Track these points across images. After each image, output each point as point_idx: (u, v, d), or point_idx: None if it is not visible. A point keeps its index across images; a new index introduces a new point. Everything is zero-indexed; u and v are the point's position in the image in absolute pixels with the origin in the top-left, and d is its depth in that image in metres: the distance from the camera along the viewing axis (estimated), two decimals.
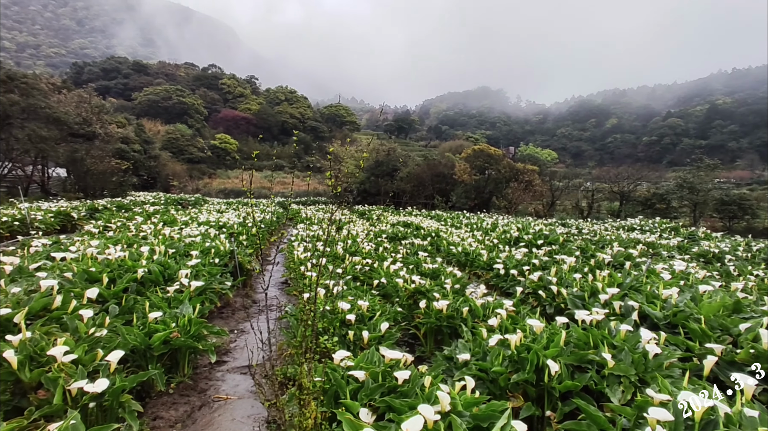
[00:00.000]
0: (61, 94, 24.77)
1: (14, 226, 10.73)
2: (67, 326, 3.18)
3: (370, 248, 8.96)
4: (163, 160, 42.05)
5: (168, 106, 65.18)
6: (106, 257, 5.24)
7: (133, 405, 2.55)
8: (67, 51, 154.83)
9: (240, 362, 3.95)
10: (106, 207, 16.04)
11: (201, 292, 4.60)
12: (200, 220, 12.40)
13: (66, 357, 2.55)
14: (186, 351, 3.42)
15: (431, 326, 4.39)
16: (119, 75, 76.45)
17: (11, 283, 4.25)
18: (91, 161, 22.38)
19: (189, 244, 6.96)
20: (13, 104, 17.75)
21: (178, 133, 56.52)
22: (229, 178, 57.16)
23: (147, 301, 3.76)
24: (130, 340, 3.06)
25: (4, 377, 2.48)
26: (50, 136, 19.38)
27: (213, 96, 78.60)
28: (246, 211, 17.76)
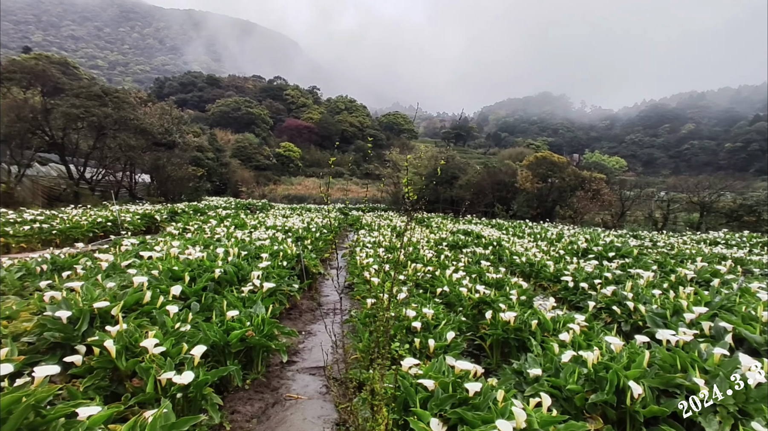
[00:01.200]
0: (147, 107, 27.22)
1: (107, 227, 11.89)
2: (156, 320, 3.45)
3: (431, 256, 8.91)
4: (233, 167, 44.62)
5: (237, 116, 69.19)
6: (187, 257, 5.64)
7: (214, 398, 2.71)
8: (150, 67, 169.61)
9: (309, 363, 4.07)
10: (184, 210, 17.31)
11: (271, 293, 4.81)
12: (267, 224, 12.99)
13: (156, 349, 2.76)
14: (260, 349, 3.58)
15: (498, 338, 4.27)
16: (195, 88, 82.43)
17: (106, 278, 4.70)
18: (171, 168, 24.34)
19: (259, 247, 7.31)
20: (107, 117, 19.75)
21: (247, 141, 59.78)
22: (293, 185, 59.46)
23: (224, 300, 3.99)
24: (211, 336, 3.25)
25: (104, 364, 2.74)
26: (137, 144, 21.36)
27: (278, 106, 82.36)
28: (309, 217, 18.37)
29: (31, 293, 4.66)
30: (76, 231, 10.79)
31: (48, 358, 2.87)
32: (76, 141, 21.87)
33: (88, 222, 11.58)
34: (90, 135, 21.50)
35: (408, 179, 3.13)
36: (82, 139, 22.06)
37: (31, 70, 20.89)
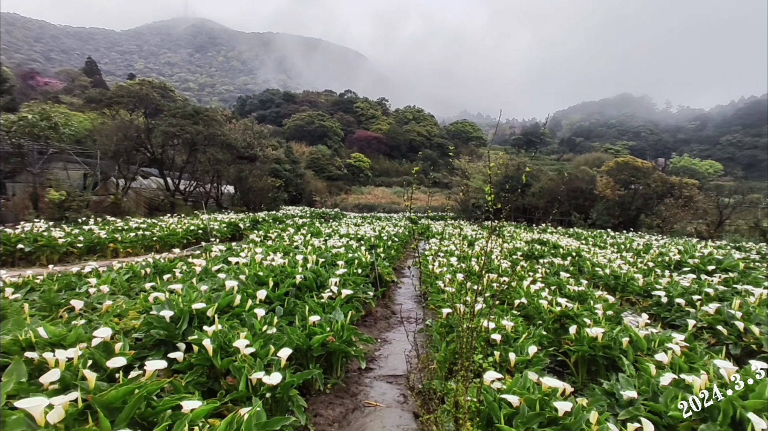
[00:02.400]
0: (231, 124, 29.49)
1: (198, 234, 12.96)
2: (245, 322, 3.67)
3: (506, 266, 8.61)
4: (307, 178, 46.65)
5: (311, 129, 72.38)
6: (270, 263, 5.97)
7: (299, 401, 2.80)
8: (234, 87, 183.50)
9: (386, 371, 4.09)
10: (264, 219, 18.40)
11: (348, 300, 4.92)
12: (341, 233, 13.36)
13: (247, 349, 2.92)
14: (339, 355, 3.67)
15: (584, 355, 3.99)
16: (273, 104, 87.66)
17: (199, 282, 5.10)
18: (253, 179, 26.08)
19: (335, 255, 7.53)
20: (198, 134, 21.70)
21: (320, 153, 62.27)
22: (363, 194, 60.74)
23: (305, 305, 4.15)
24: (294, 340, 3.38)
25: (202, 362, 2.95)
26: (224, 158, 23.21)
27: (348, 118, 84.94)
28: (380, 225, 18.62)
29: (137, 293, 5.17)
30: (172, 238, 11.88)
31: (154, 354, 3.16)
32: (172, 156, 24.24)
33: (183, 230, 12.71)
34: (184, 150, 23.74)
35: (477, 187, 3.07)
36: (177, 154, 24.40)
37: (136, 94, 23.55)
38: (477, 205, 30.52)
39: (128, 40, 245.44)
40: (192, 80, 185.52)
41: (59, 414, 1.90)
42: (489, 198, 2.95)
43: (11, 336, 2.98)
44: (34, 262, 9.06)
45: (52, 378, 2.31)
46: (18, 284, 5.16)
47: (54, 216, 13.99)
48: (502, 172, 30.15)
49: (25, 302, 4.13)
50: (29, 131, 15.66)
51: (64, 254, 9.54)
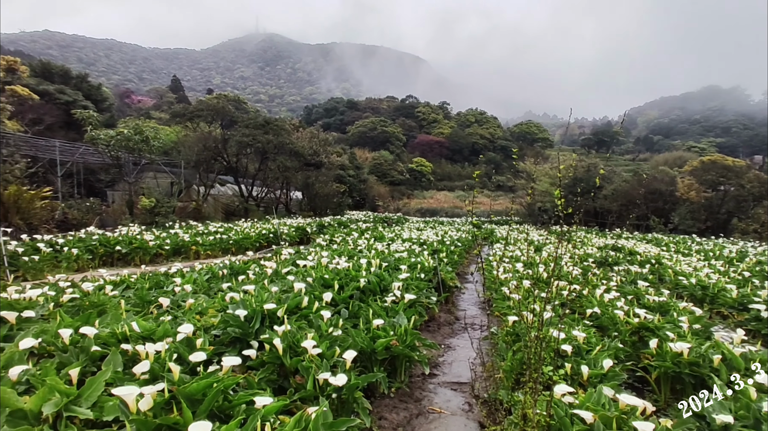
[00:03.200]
0: (298, 132, 30.82)
1: (269, 237, 13.68)
2: (312, 323, 3.80)
3: (577, 273, 8.16)
4: (370, 183, 47.45)
5: (374, 135, 73.52)
6: (336, 266, 6.14)
7: (364, 403, 2.85)
8: (301, 97, 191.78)
9: (450, 377, 4.05)
10: (330, 223, 18.99)
11: (412, 305, 4.92)
12: (403, 237, 13.43)
13: (314, 350, 3.03)
14: (403, 359, 3.68)
15: (667, 371, 3.67)
16: (337, 112, 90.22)
17: (270, 283, 5.36)
18: (319, 185, 27.06)
19: (398, 259, 7.58)
20: (269, 143, 22.98)
21: (382, 158, 63.04)
22: (425, 198, 60.60)
23: (369, 309, 4.22)
24: (359, 342, 3.45)
25: (273, 360, 3.10)
26: (292, 165, 24.35)
27: (410, 123, 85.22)
28: (443, 230, 18.47)
29: (215, 293, 5.53)
30: (246, 242, 12.62)
31: (230, 350, 3.37)
32: (245, 164, 25.82)
33: (256, 234, 13.47)
34: (256, 158, 25.22)
35: (543, 190, 2.93)
36: (250, 162, 25.97)
37: (214, 108, 25.42)
38: (544, 208, 29.25)
39: (207, 57, 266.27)
40: (263, 92, 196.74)
41: (148, 403, 2.09)
42: (558, 201, 2.83)
43: (110, 329, 3.32)
44: (129, 262, 10.05)
45: (143, 369, 2.54)
46: (116, 282, 5.75)
47: (146, 221, 15.44)
48: (571, 174, 28.64)
49: (121, 298, 4.58)
50: (125, 144, 17.45)
51: (154, 255, 10.50)
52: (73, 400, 2.22)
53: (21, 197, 11.38)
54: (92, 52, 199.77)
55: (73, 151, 20.25)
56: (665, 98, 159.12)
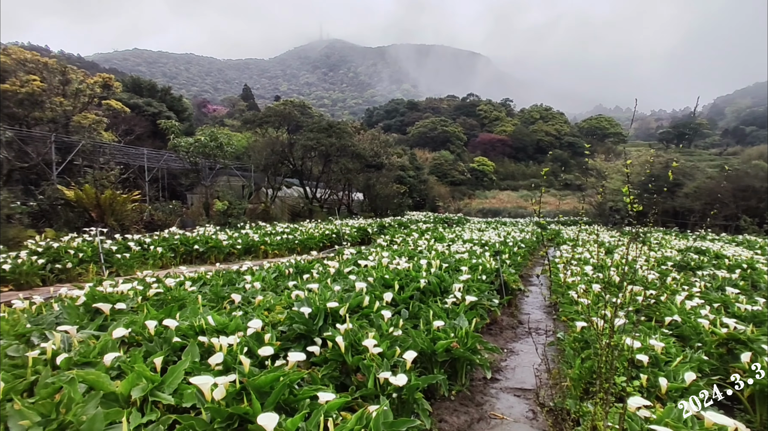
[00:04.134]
0: (360, 134, 31.42)
1: (332, 238, 14.08)
2: (373, 322, 3.86)
3: (653, 277, 7.55)
4: (430, 184, 47.19)
5: (434, 135, 73.04)
6: (396, 267, 6.19)
7: (424, 404, 2.85)
8: (362, 100, 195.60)
9: (512, 383, 3.93)
10: (390, 224, 19.15)
11: (473, 307, 4.84)
12: (464, 238, 13.21)
13: (375, 349, 3.07)
14: (463, 362, 3.63)
15: (763, 389, 3.30)
16: (397, 114, 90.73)
17: (333, 282, 5.51)
18: (380, 186, 27.40)
19: (458, 260, 7.48)
20: (332, 145, 23.70)
21: (442, 158, 62.45)
22: (487, 198, 59.25)
23: (430, 310, 4.21)
24: (419, 343, 3.45)
25: (335, 357, 3.19)
26: (354, 167, 24.90)
27: (471, 122, 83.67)
28: (505, 230, 17.94)
29: (282, 290, 5.79)
30: (310, 242, 13.09)
31: (295, 346, 3.52)
32: (310, 167, 26.80)
33: (319, 235, 13.93)
34: (320, 161, 26.10)
35: (615, 188, 2.72)
36: (314, 165, 26.92)
37: (281, 113, 26.61)
38: (615, 208, 27.37)
39: (274, 66, 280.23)
40: (326, 96, 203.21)
41: (221, 392, 2.24)
42: (627, 200, 2.65)
43: (188, 322, 3.59)
44: (205, 260, 10.81)
45: (217, 360, 2.73)
46: (194, 279, 6.21)
47: (220, 222, 16.52)
48: (647, 171, 26.53)
49: (199, 294, 4.94)
50: (202, 151, 18.83)
51: (227, 254, 11.21)
52: (157, 386, 2.43)
53: (115, 200, 12.67)
54: (174, 66, 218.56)
55: (158, 157, 22.23)
56: (759, 84, 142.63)
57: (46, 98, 15.79)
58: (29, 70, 16.14)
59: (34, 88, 15.14)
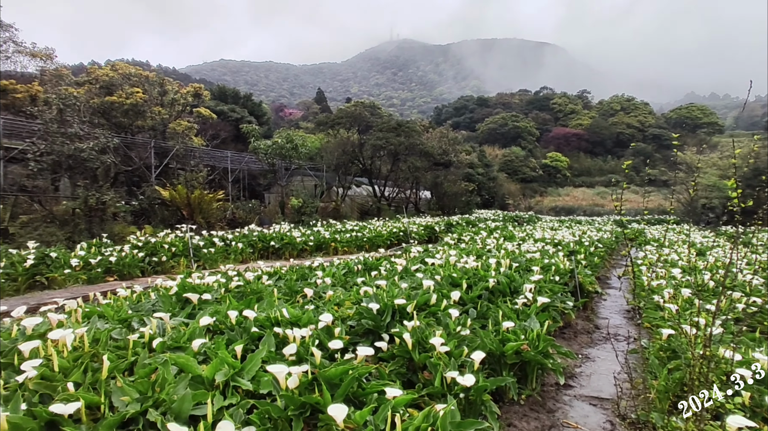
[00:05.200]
0: (428, 133, 31.32)
1: (400, 236, 14.22)
2: (440, 321, 3.84)
3: (758, 283, 6.72)
4: (499, 181, 45.89)
5: (504, 131, 70.78)
6: (464, 265, 6.10)
7: (492, 406, 2.79)
8: (431, 98, 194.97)
9: (587, 391, 3.71)
10: (458, 222, 18.93)
11: (545, 308, 4.64)
12: (535, 237, 12.69)
13: (442, 347, 3.05)
14: (534, 365, 3.50)
15: None
16: (467, 111, 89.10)
17: (400, 279, 5.56)
18: (447, 184, 27.17)
19: (530, 260, 7.20)
20: (400, 144, 23.92)
21: (513, 155, 60.37)
22: (560, 196, 56.35)
23: (499, 310, 4.10)
24: (487, 344, 3.38)
25: (402, 354, 3.22)
26: (422, 165, 24.97)
27: (544, 116, 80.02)
28: (580, 229, 16.95)
29: (351, 286, 5.95)
30: (378, 239, 13.31)
31: (363, 341, 3.60)
32: (378, 166, 27.27)
33: (387, 232, 14.12)
34: (388, 160, 26.47)
35: (710, 184, 2.41)
36: (383, 164, 27.35)
37: (352, 115, 27.35)
38: (710, 205, 24.68)
39: (346, 69, 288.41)
40: (395, 96, 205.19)
41: (295, 381, 2.36)
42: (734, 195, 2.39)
43: (265, 313, 3.82)
44: (280, 256, 11.42)
45: (291, 351, 2.88)
46: (270, 273, 6.57)
47: (294, 220, 17.36)
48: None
49: (275, 288, 5.23)
50: (279, 152, 19.94)
51: (300, 250, 11.75)
52: (237, 372, 2.62)
53: (203, 200, 13.82)
54: (255, 74, 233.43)
55: (240, 159, 23.86)
56: None
57: (146, 108, 17.55)
58: (133, 83, 18.03)
59: (137, 99, 16.89)
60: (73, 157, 11.16)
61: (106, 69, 18.55)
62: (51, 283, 7.21)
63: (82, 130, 11.63)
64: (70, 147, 10.99)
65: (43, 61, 16.12)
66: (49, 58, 16.27)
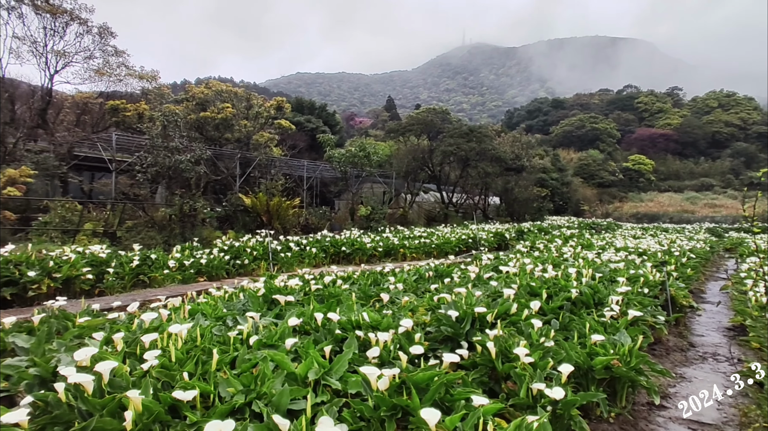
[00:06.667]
0: (500, 137, 30.69)
1: (468, 242, 14.03)
2: (521, 331, 3.76)
3: None
4: (574, 186, 43.63)
5: (580, 134, 67.24)
6: (542, 274, 5.91)
7: (582, 422, 2.68)
8: (502, 102, 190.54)
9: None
10: (530, 229, 18.29)
11: (633, 322, 4.37)
12: (616, 245, 11.93)
13: (526, 358, 3.00)
14: (624, 382, 3.31)
15: None
16: (540, 113, 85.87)
17: (473, 287, 5.50)
18: (518, 190, 26.43)
19: (613, 270, 6.80)
20: (471, 150, 23.70)
21: (590, 158, 57.13)
22: (642, 201, 52.29)
23: (586, 323, 3.93)
24: (574, 357, 3.25)
25: (485, 362, 3.20)
26: (492, 171, 24.58)
27: (627, 117, 74.95)
28: (668, 238, 15.64)
29: (422, 292, 5.99)
30: (447, 246, 13.24)
31: (443, 347, 3.63)
32: (447, 172, 27.17)
33: (455, 239, 14.00)
34: (457, 166, 26.32)
35: None
36: (451, 170, 27.21)
37: (422, 121, 27.60)
38: None
39: (416, 76, 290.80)
40: (465, 101, 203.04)
41: (385, 383, 2.45)
42: None
43: (346, 317, 3.98)
44: (351, 261, 11.75)
45: (374, 354, 2.98)
46: (344, 277, 6.81)
47: (362, 226, 17.78)
48: None
49: (351, 292, 5.42)
50: (351, 160, 20.60)
51: (369, 256, 12.02)
52: (327, 371, 2.78)
53: (280, 206, 14.67)
54: (328, 85, 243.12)
55: (314, 168, 24.94)
56: None
57: (234, 122, 18.99)
58: (224, 99, 19.63)
59: (227, 113, 18.35)
60: (172, 168, 12.43)
61: (202, 87, 20.36)
62: (152, 282, 8.02)
63: (181, 143, 12.92)
64: (171, 159, 12.29)
65: (148, 82, 18.11)
66: (153, 80, 18.25)
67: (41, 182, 13.61)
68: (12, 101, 14.93)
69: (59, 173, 14.21)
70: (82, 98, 18.04)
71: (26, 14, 14.58)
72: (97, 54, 16.58)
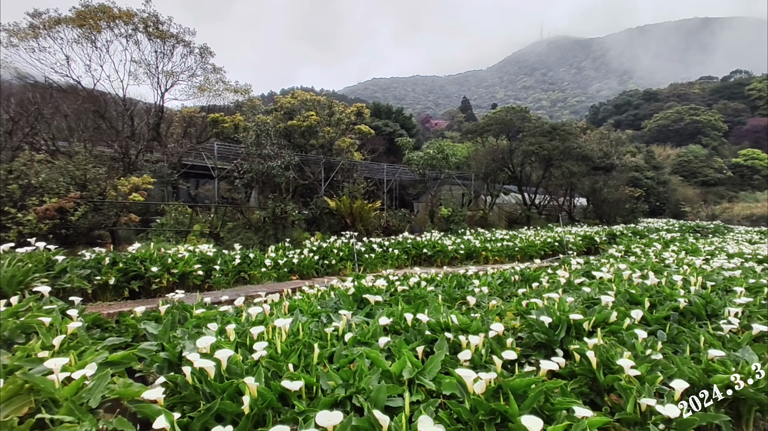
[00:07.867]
0: (585, 135, 28.78)
1: (554, 246, 13.37)
2: (623, 341, 3.53)
3: None
4: (672, 185, 39.65)
5: (678, 128, 60.91)
6: (642, 281, 5.47)
7: None
8: (585, 97, 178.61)
9: None
10: (622, 233, 16.94)
11: (758, 338, 3.88)
12: (728, 251, 10.64)
13: (631, 371, 2.81)
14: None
15: None
16: (630, 107, 79.18)
17: (564, 293, 5.25)
18: (608, 190, 24.55)
19: (728, 278, 6.10)
20: (554, 149, 22.57)
21: (690, 155, 51.50)
22: (757, 201, 45.93)
23: (701, 336, 3.58)
24: (686, 372, 2.99)
25: (585, 372, 3.05)
26: (578, 170, 23.13)
27: (735, 106, 66.41)
28: None
29: (508, 297, 5.83)
30: (531, 249, 12.73)
31: (536, 354, 3.52)
32: (529, 173, 26.09)
33: (541, 242, 13.41)
34: (539, 166, 25.16)
35: None
36: (533, 170, 26.08)
37: (501, 121, 26.79)
38: None
39: (492, 75, 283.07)
40: (544, 98, 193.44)
41: (482, 387, 2.45)
42: None
43: (434, 318, 4.01)
44: (432, 263, 11.77)
45: (465, 356, 2.99)
46: (428, 279, 6.85)
47: (442, 228, 17.70)
48: None
49: (436, 294, 5.45)
50: (430, 163, 20.67)
51: (451, 258, 11.95)
52: (420, 371, 2.83)
53: (363, 209, 15.14)
54: (403, 88, 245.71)
55: (393, 171, 25.36)
56: None
57: (318, 128, 20.01)
58: (308, 107, 20.79)
59: (312, 121, 19.40)
60: (265, 174, 13.46)
61: (288, 97, 21.74)
62: (251, 278, 8.70)
63: (272, 150, 13.95)
64: (264, 165, 13.32)
65: (242, 95, 19.75)
66: (246, 93, 19.87)
67: (157, 188, 15.48)
68: (132, 118, 17.06)
69: (171, 180, 16.03)
70: (188, 113, 20.21)
71: (141, 40, 16.60)
72: (198, 72, 18.43)
